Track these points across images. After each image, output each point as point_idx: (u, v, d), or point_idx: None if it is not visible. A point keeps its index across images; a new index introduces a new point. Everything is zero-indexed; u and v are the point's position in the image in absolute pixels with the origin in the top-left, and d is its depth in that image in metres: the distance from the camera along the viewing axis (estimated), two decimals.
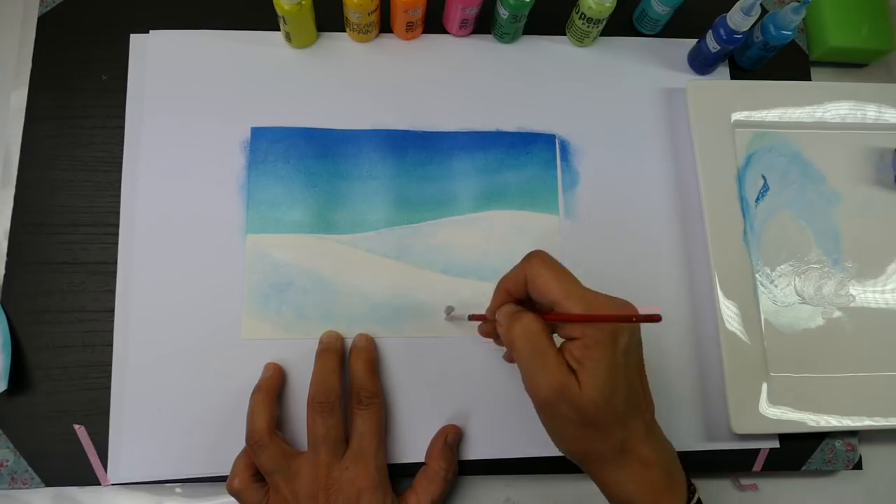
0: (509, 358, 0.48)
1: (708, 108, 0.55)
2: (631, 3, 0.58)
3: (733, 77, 0.58)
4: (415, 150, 0.54)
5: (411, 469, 0.48)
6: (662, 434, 0.41)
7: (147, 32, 0.54)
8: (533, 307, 0.40)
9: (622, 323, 0.37)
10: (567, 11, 0.56)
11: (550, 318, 0.38)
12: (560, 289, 0.37)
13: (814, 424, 0.50)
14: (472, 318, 0.47)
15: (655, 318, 0.34)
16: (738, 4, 0.51)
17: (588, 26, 0.55)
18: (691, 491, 0.40)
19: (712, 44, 0.54)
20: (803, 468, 0.51)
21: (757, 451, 0.51)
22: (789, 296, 0.53)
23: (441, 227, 0.52)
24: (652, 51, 0.58)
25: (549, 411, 0.38)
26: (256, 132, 0.53)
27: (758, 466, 0.51)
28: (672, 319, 0.53)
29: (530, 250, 0.40)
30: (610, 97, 0.57)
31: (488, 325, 0.45)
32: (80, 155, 0.52)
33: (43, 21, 0.54)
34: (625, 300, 0.38)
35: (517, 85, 0.56)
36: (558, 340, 0.39)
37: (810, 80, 0.60)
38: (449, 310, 0.50)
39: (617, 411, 0.37)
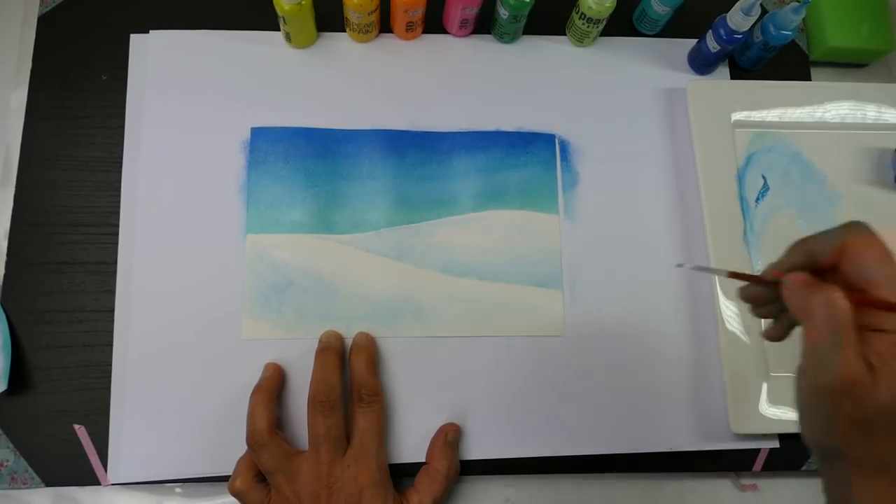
0: (774, 334, 0.41)
1: (708, 108, 0.55)
2: (631, 3, 0.58)
3: (733, 77, 0.59)
4: (415, 149, 0.54)
5: (412, 469, 0.48)
6: None
7: (147, 32, 0.54)
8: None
9: None
10: (567, 11, 0.56)
11: (864, 301, 0.33)
12: (885, 271, 0.32)
13: None
14: (733, 275, 0.39)
15: None
16: (738, 4, 0.51)
17: (588, 26, 0.55)
18: None
19: (712, 44, 0.54)
20: (803, 468, 0.51)
21: (757, 451, 0.51)
22: None
23: (441, 227, 0.52)
24: (652, 51, 0.58)
25: (824, 400, 0.33)
26: (256, 132, 0.53)
27: (758, 466, 0.51)
28: (672, 319, 0.53)
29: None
30: (610, 97, 0.57)
31: (759, 287, 0.39)
32: (80, 155, 0.52)
33: (43, 21, 0.54)
34: None
35: (517, 85, 0.56)
36: None
37: (810, 80, 0.60)
38: (680, 265, 0.46)
39: None
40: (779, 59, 0.58)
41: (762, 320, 0.52)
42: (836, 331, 0.32)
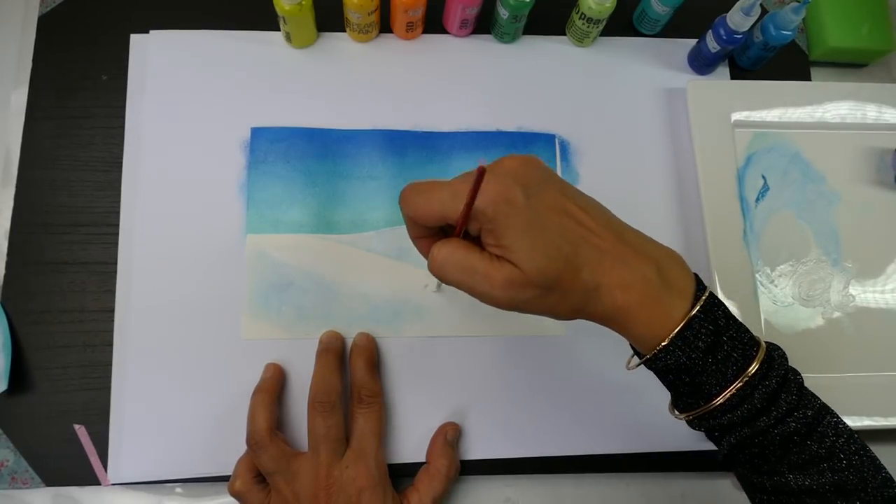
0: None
1: (708, 108, 0.55)
2: (631, 3, 0.58)
3: (733, 77, 0.59)
4: (415, 150, 0.54)
5: (412, 469, 0.48)
6: (636, 248, 0.36)
7: (147, 32, 0.54)
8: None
9: (499, 188, 0.34)
10: (567, 11, 0.56)
11: (456, 233, 0.37)
12: (435, 203, 0.35)
13: None
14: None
15: (481, 169, 0.32)
16: (738, 4, 0.51)
17: (588, 26, 0.55)
18: (700, 288, 0.36)
19: (712, 44, 0.54)
20: None
21: None
22: (789, 296, 0.53)
23: None
24: (652, 51, 0.58)
25: (519, 306, 0.36)
26: (256, 132, 0.53)
27: None
28: None
29: None
30: (610, 97, 0.57)
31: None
32: (80, 155, 0.52)
33: (43, 21, 0.54)
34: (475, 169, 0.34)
35: (517, 85, 0.56)
36: None
37: (810, 80, 0.60)
38: (439, 285, 0.50)
39: (565, 259, 0.34)
40: (779, 59, 0.58)
41: (761, 321, 0.52)
42: (461, 269, 0.36)
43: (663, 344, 0.35)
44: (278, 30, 0.54)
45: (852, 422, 0.50)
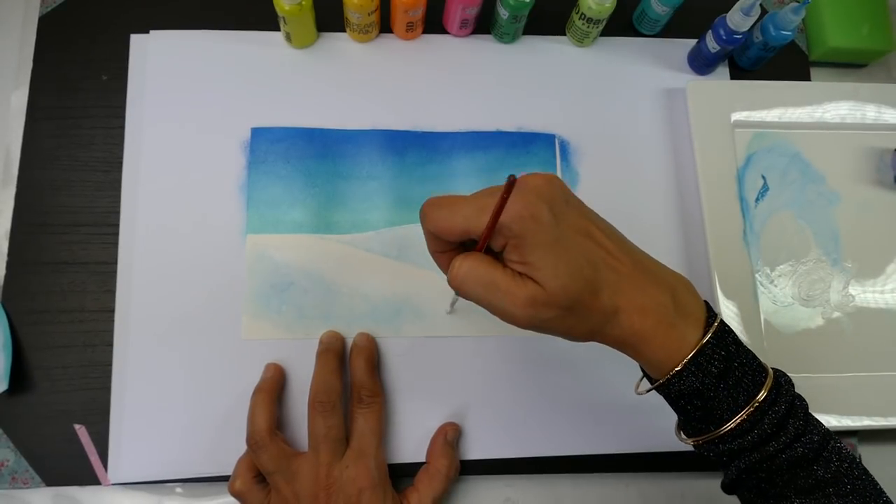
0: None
1: (708, 108, 0.55)
2: (631, 3, 0.58)
3: (733, 77, 0.59)
4: (415, 149, 0.54)
5: (412, 469, 0.48)
6: (652, 274, 0.37)
7: (147, 32, 0.54)
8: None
9: (526, 205, 0.34)
10: (567, 11, 0.56)
11: (481, 245, 0.36)
12: (459, 218, 0.35)
13: None
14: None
15: (511, 179, 0.32)
16: (737, 5, 0.51)
17: (588, 26, 0.55)
18: (711, 315, 0.37)
19: (712, 44, 0.54)
20: None
21: None
22: (789, 296, 0.54)
23: None
24: (652, 51, 0.59)
25: (537, 325, 0.36)
26: (256, 132, 0.53)
27: None
28: None
29: None
30: (610, 97, 0.57)
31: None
32: (80, 155, 0.52)
33: (44, 21, 0.54)
34: (499, 185, 0.34)
35: (517, 85, 0.56)
36: None
37: (810, 80, 0.60)
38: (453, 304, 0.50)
39: (586, 280, 0.35)
40: (778, 59, 0.58)
41: (761, 321, 0.52)
42: (483, 284, 0.35)
43: (677, 369, 0.35)
44: (278, 30, 0.54)
45: (852, 422, 0.50)
